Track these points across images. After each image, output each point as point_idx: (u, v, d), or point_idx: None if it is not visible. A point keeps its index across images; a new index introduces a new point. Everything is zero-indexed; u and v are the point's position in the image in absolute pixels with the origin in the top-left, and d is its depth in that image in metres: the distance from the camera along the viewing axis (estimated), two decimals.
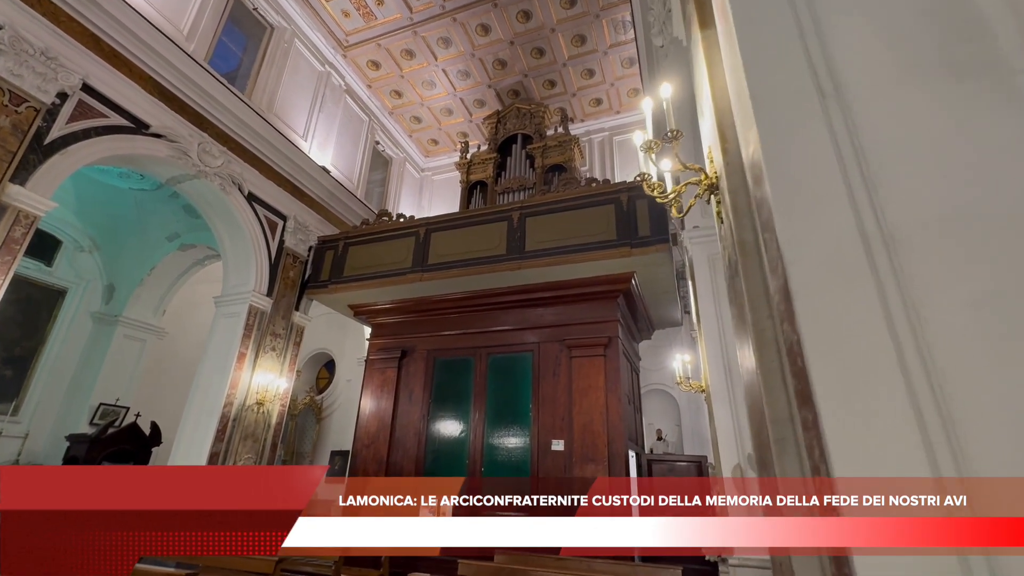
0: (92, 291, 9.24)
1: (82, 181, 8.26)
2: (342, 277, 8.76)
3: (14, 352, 8.11)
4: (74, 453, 8.00)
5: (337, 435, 11.28)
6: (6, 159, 4.98)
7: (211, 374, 7.54)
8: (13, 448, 7.76)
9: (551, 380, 7.45)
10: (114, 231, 9.26)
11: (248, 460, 7.42)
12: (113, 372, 9.07)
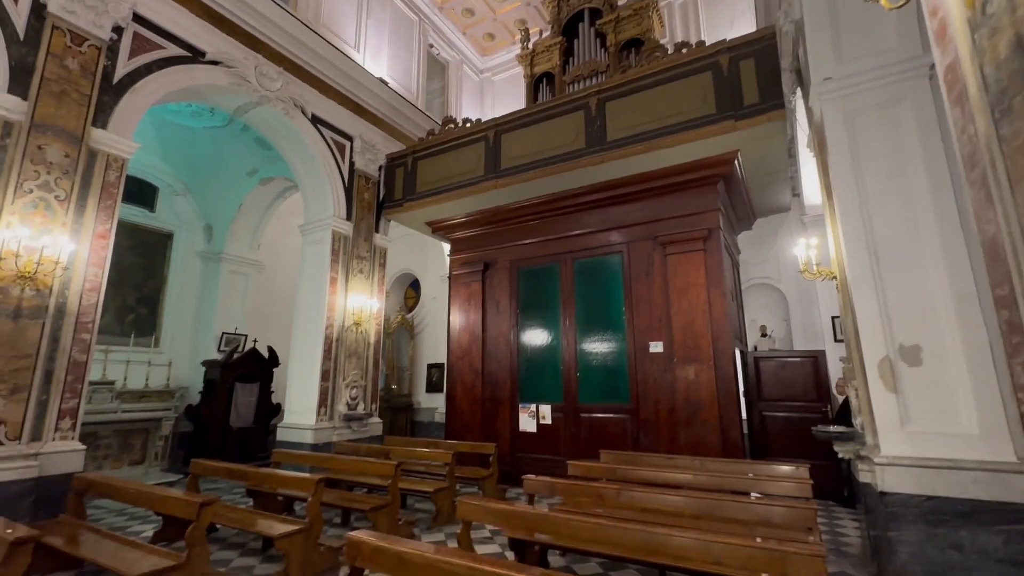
0: (194, 232, 9.87)
1: (161, 126, 8.46)
2: (415, 194, 8.54)
3: (143, 292, 9.01)
4: (211, 376, 9.02)
5: (431, 349, 11.81)
6: (83, 102, 5.01)
7: (309, 300, 7.90)
8: (163, 375, 8.88)
9: (644, 281, 6.95)
10: (199, 173, 9.61)
11: (355, 375, 7.92)
12: (227, 304, 9.89)
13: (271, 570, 4.16)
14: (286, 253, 10.92)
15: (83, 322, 4.85)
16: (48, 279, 4.59)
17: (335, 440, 7.29)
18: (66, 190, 4.81)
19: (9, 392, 4.29)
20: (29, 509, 4.23)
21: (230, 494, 6.81)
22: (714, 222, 6.55)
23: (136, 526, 5.42)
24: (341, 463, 5.57)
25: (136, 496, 4.02)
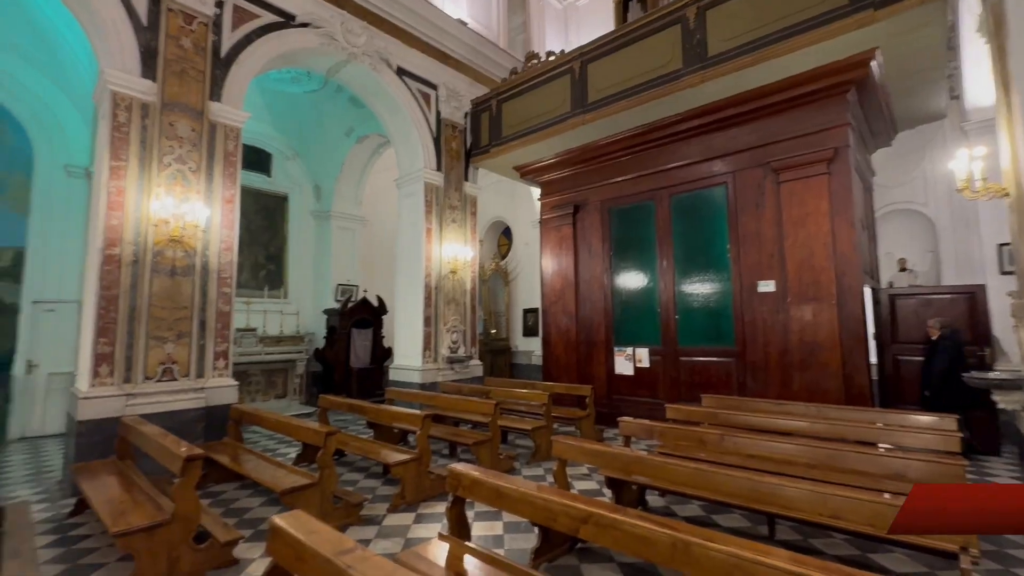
0: (305, 192, 10.74)
1: (269, 95, 9.10)
2: (501, 138, 8.39)
3: (270, 250, 10.14)
4: (331, 323, 10.07)
5: (525, 295, 12.00)
6: (200, 78, 5.50)
7: (408, 250, 8.31)
8: (293, 322, 10.09)
9: (752, 214, 6.27)
10: (305, 137, 10.30)
11: (454, 321, 8.32)
12: (339, 257, 10.79)
13: (390, 492, 4.67)
14: (385, 207, 11.51)
15: (223, 277, 5.57)
16: (192, 241, 5.29)
17: (440, 380, 7.82)
18: (196, 162, 5.41)
19: (176, 337, 5.13)
20: (201, 432, 5.14)
21: (355, 425, 7.70)
22: (842, 140, 5.61)
23: (283, 449, 6.38)
24: (445, 401, 5.98)
25: (276, 425, 4.68)
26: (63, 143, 7.61)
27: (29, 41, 6.96)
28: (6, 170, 7.22)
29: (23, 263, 7.26)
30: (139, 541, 2.87)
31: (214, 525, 3.32)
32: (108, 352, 4.73)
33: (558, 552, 3.23)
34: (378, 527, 3.88)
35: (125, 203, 4.92)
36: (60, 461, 5.58)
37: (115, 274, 4.82)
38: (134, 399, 4.79)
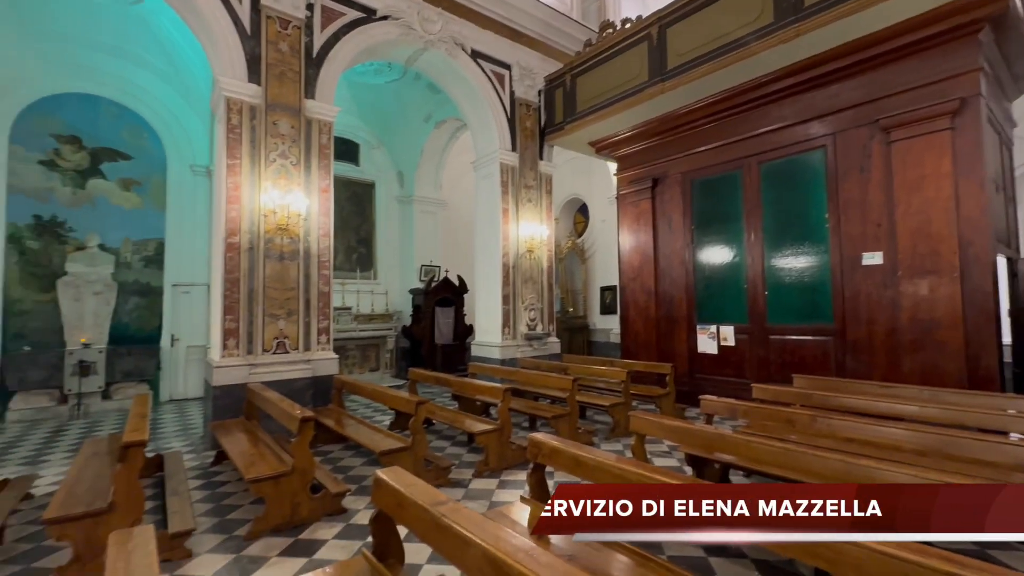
0: (390, 179, 11.36)
1: (354, 88, 9.66)
2: (575, 114, 8.26)
3: (360, 234, 10.91)
4: (416, 302, 10.68)
5: (602, 272, 11.86)
6: (296, 79, 6.00)
7: (485, 231, 8.55)
8: (383, 301, 10.84)
9: (856, 178, 5.70)
10: (388, 126, 10.84)
11: (532, 299, 8.48)
12: (422, 239, 11.35)
13: (474, 459, 4.98)
14: (463, 190, 11.85)
15: (322, 261, 6.14)
16: (296, 229, 5.87)
17: (518, 357, 8.06)
18: (296, 156, 5.96)
19: (286, 315, 5.77)
20: (310, 399, 5.78)
21: (441, 397, 8.20)
22: (971, 88, 4.88)
23: (378, 416, 6.98)
24: (524, 376, 6.18)
25: (373, 394, 5.14)
26: (188, 146, 8.68)
27: (158, 58, 7.96)
28: (147, 173, 8.40)
29: (164, 252, 8.47)
30: (267, 487, 3.36)
31: (325, 478, 3.79)
32: (234, 328, 5.45)
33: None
34: (465, 489, 4.18)
35: (241, 197, 5.57)
36: (201, 419, 6.57)
37: (236, 260, 5.51)
38: (256, 368, 5.49)
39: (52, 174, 7.62)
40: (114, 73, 7.96)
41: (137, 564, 1.46)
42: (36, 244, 7.48)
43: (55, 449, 5.57)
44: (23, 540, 3.30)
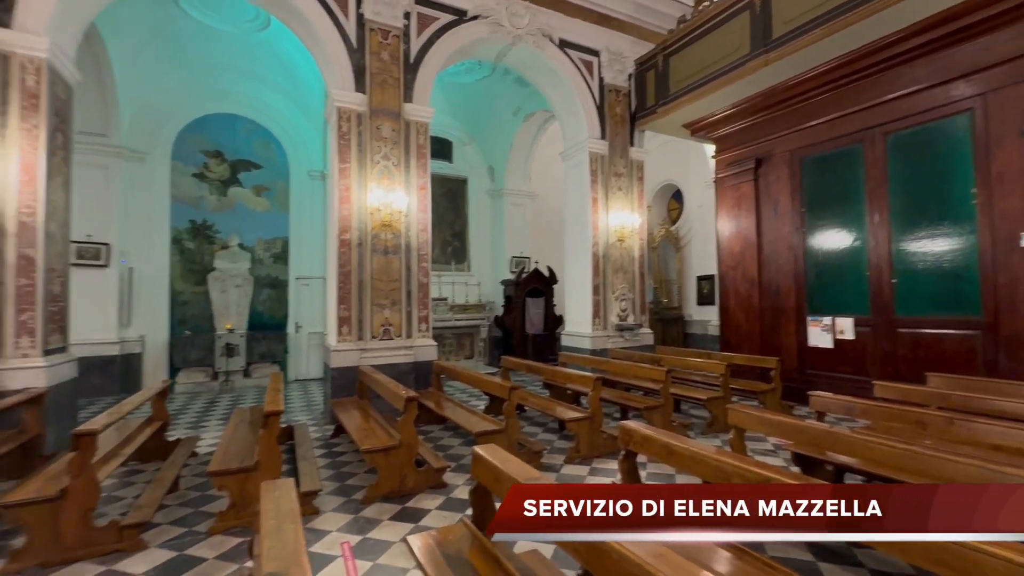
0: (481, 174, 11.75)
1: (446, 89, 10.10)
2: (668, 96, 7.91)
3: (454, 228, 11.43)
4: (507, 293, 10.98)
5: (699, 261, 11.28)
6: (396, 85, 6.45)
7: (575, 221, 8.54)
8: (476, 292, 11.30)
9: (1014, 145, 4.85)
10: (478, 122, 11.20)
11: (623, 289, 8.33)
12: (512, 231, 11.62)
13: (565, 446, 5.07)
14: (552, 181, 11.90)
15: (421, 254, 6.57)
16: (398, 225, 6.34)
17: (609, 347, 7.98)
18: (397, 157, 6.42)
19: (391, 305, 6.28)
20: (412, 382, 6.24)
21: (532, 385, 8.39)
22: None
23: (473, 401, 7.34)
24: (616, 366, 6.13)
25: (469, 379, 5.43)
26: (306, 153, 9.69)
27: (282, 78, 8.97)
28: (273, 179, 9.54)
29: (288, 249, 9.58)
30: (379, 458, 3.74)
31: (428, 455, 4.10)
32: (346, 316, 6.05)
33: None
34: (556, 474, 4.29)
35: (351, 197, 6.13)
36: (321, 397, 7.38)
37: (347, 255, 6.09)
38: (366, 352, 6.05)
39: (202, 184, 8.95)
40: (247, 94, 9.12)
41: (283, 507, 1.75)
42: (192, 244, 8.86)
43: (211, 416, 6.62)
44: (192, 489, 4.00)
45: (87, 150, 7.51)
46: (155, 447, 4.58)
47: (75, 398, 5.57)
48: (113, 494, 3.89)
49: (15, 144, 4.70)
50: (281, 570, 1.30)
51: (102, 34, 7.00)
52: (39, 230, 4.81)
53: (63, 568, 2.78)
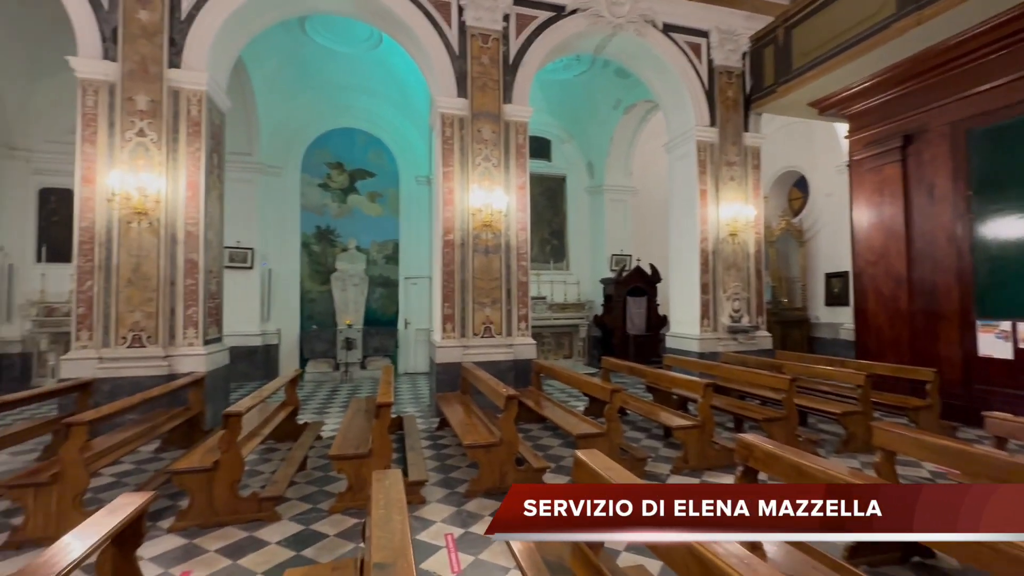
0: (579, 171, 11.57)
1: (544, 87, 10.08)
2: (791, 72, 7.10)
3: (553, 227, 11.39)
4: (608, 292, 10.69)
5: (827, 256, 10.01)
6: (495, 87, 6.55)
7: (680, 216, 8.03)
8: (574, 291, 11.15)
9: None
10: (577, 119, 11.03)
11: (736, 287, 7.65)
12: (612, 228, 11.28)
13: (671, 454, 4.76)
14: (655, 175, 11.34)
15: (520, 253, 6.61)
16: (498, 225, 6.43)
17: (720, 351, 7.38)
18: (497, 157, 6.52)
19: (491, 303, 6.40)
20: (512, 380, 6.29)
21: (633, 388, 8.05)
22: None
23: (572, 401, 7.23)
24: (728, 372, 5.63)
25: (568, 379, 5.33)
26: (414, 160, 10.28)
27: (392, 90, 9.61)
28: (385, 186, 10.27)
29: (398, 251, 10.25)
30: (480, 454, 3.80)
31: (528, 454, 4.09)
32: (450, 313, 6.28)
33: (883, 558, 2.71)
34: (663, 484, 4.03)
35: (454, 199, 6.35)
36: (427, 391, 7.77)
37: (451, 254, 6.32)
38: (468, 350, 6.23)
39: (326, 193, 9.91)
40: (363, 108, 9.91)
41: (392, 497, 1.81)
42: (318, 248, 9.85)
43: (333, 404, 7.29)
44: (317, 469, 4.41)
45: (236, 167, 8.67)
46: (288, 429, 5.14)
47: (228, 382, 6.46)
48: (255, 469, 4.41)
49: (183, 165, 5.56)
50: (388, 561, 1.33)
51: (246, 65, 8.04)
52: (200, 237, 5.63)
53: (216, 530, 3.20)
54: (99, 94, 5.34)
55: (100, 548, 1.65)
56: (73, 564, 1.44)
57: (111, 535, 1.67)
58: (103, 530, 1.64)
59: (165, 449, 4.95)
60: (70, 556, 1.47)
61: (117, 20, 5.41)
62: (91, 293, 5.25)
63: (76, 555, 1.47)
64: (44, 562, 1.43)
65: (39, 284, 8.20)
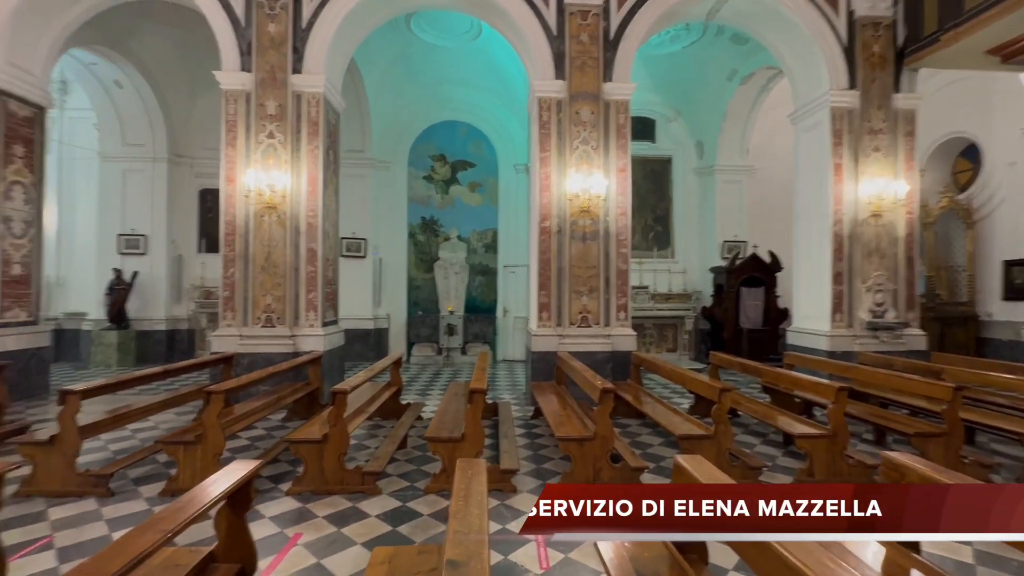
0: (687, 151, 10.73)
1: (649, 63, 9.46)
2: (962, 14, 5.82)
3: (657, 213, 10.74)
4: (718, 282, 9.83)
5: (1005, 241, 8.18)
6: (595, 65, 6.25)
7: (809, 196, 7.06)
8: (680, 281, 10.43)
9: None
10: (685, 95, 10.21)
11: (878, 277, 6.55)
12: (724, 213, 10.32)
13: (791, 464, 4.19)
14: (776, 151, 10.15)
15: (620, 240, 6.28)
16: (596, 210, 6.17)
17: (856, 350, 6.39)
18: (596, 140, 6.23)
19: (588, 292, 6.17)
20: (609, 372, 6.04)
21: (747, 387, 7.32)
22: None
23: (676, 398, 6.76)
24: (867, 375, 4.83)
25: (671, 374, 4.95)
26: (512, 149, 10.30)
27: (492, 80, 9.67)
28: (485, 176, 10.43)
29: (498, 240, 10.39)
30: (573, 447, 3.65)
31: (624, 451, 3.86)
32: (546, 302, 6.18)
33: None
34: None
35: (551, 185, 6.21)
36: (524, 379, 7.78)
37: (547, 242, 6.20)
38: (564, 339, 6.09)
39: (430, 185, 10.33)
40: (464, 100, 10.13)
41: (474, 488, 1.74)
42: (422, 238, 10.33)
43: (435, 386, 7.61)
44: (416, 448, 4.59)
45: (350, 163, 9.37)
46: (392, 408, 5.44)
47: (343, 361, 7.03)
48: (362, 443, 4.73)
49: (304, 162, 6.09)
50: (461, 560, 1.25)
51: (359, 67, 8.59)
52: (319, 228, 6.15)
53: (325, 497, 3.46)
54: (238, 103, 6.03)
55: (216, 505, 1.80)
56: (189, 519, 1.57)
57: (224, 495, 1.82)
58: (216, 491, 1.79)
59: (290, 419, 5.51)
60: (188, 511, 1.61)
61: (251, 35, 6.06)
62: (233, 279, 6.00)
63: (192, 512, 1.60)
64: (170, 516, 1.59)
65: (200, 271, 9.65)
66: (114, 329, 8.93)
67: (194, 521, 1.61)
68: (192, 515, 1.59)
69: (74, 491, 3.42)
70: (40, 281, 6.70)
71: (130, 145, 9.22)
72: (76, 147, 9.60)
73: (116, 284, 9.00)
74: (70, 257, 9.79)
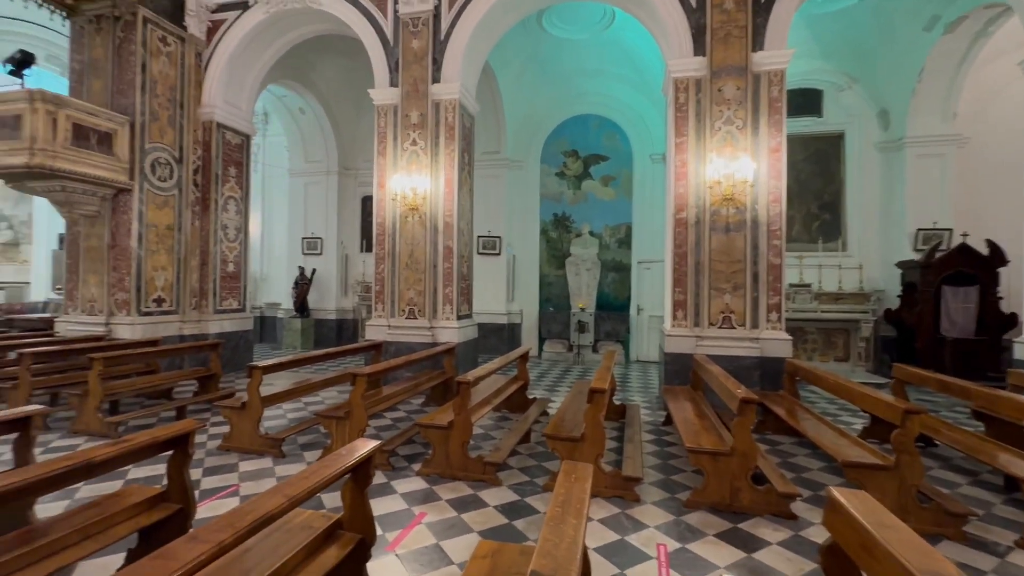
0: (866, 123, 8.97)
1: (813, 24, 8.13)
2: None
3: (824, 199, 9.19)
4: (909, 279, 8.06)
5: None
6: (741, 35, 5.54)
7: None
8: (854, 277, 8.78)
9: None
10: (863, 56, 8.55)
11: None
12: (918, 195, 8.41)
13: (1016, 516, 3.20)
14: (996, 116, 7.97)
15: (772, 230, 5.49)
16: (742, 197, 5.48)
17: None
18: (742, 118, 5.53)
19: (732, 289, 5.52)
20: (757, 380, 5.33)
21: (950, 411, 5.87)
22: None
23: (844, 416, 5.70)
24: None
25: (836, 387, 4.16)
26: (648, 138, 9.74)
27: (626, 68, 9.26)
28: (618, 169, 10.05)
29: (631, 234, 9.94)
30: (705, 461, 3.27)
31: (771, 472, 3.34)
32: (681, 300, 5.69)
33: None
34: (997, 560, 2.72)
35: (687, 173, 5.70)
36: (657, 381, 7.31)
37: (683, 234, 5.70)
38: (702, 340, 5.55)
39: (562, 181, 10.30)
40: (597, 91, 9.88)
41: (574, 494, 1.62)
42: (554, 234, 10.35)
43: (563, 383, 7.56)
44: (539, 444, 4.58)
45: (486, 164, 9.79)
46: (519, 401, 5.52)
47: (476, 352, 7.37)
48: (488, 433, 4.87)
49: (442, 166, 6.50)
50: (546, 572, 1.14)
51: (494, 71, 8.91)
52: (455, 227, 6.52)
53: (450, 482, 3.62)
54: (387, 115, 6.68)
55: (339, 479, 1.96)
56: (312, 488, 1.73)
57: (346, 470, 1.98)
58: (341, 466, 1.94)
59: (428, 404, 5.95)
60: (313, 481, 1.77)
61: (398, 52, 6.65)
62: (383, 275, 6.68)
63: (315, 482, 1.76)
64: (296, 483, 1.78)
65: (361, 268, 11.03)
66: (298, 317, 10.68)
67: (316, 491, 1.77)
68: (315, 485, 1.74)
69: (257, 450, 4.12)
70: (247, 277, 8.27)
71: (310, 162, 10.93)
72: (273, 166, 11.66)
73: (300, 280, 10.77)
74: (270, 257, 11.96)
